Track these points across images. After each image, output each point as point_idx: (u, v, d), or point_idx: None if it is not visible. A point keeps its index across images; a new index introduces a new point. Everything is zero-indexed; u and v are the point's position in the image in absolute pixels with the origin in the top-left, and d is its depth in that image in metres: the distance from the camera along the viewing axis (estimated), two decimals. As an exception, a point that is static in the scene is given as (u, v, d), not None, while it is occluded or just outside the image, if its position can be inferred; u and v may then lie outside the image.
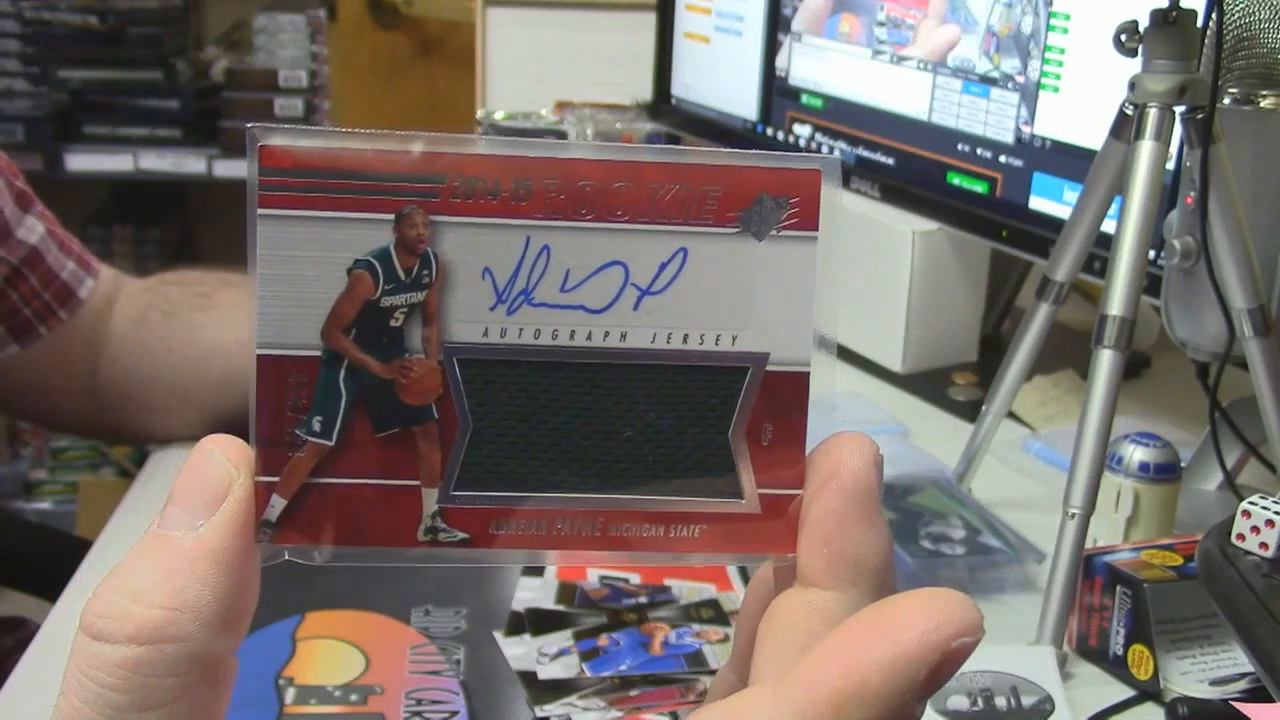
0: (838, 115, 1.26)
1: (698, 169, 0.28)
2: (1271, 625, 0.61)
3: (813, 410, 0.29)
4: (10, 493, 2.48)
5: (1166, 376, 1.20)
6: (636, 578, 0.81)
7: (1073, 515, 0.74)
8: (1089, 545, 0.75)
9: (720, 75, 1.42)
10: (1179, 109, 0.77)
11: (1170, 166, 0.80)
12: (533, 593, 0.79)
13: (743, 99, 1.39)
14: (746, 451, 0.29)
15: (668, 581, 0.80)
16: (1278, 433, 0.81)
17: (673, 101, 1.52)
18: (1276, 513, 0.65)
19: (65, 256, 0.96)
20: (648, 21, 1.54)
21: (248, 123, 0.28)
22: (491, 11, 1.91)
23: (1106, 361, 0.76)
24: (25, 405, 1.02)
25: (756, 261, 0.28)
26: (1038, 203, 1.06)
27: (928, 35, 1.14)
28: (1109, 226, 0.80)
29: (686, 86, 1.50)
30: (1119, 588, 0.72)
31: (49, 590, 0.87)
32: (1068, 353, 1.11)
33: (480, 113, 1.69)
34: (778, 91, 1.34)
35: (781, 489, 0.29)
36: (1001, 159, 1.09)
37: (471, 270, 0.28)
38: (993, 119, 1.09)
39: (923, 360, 1.18)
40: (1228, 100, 0.82)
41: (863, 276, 1.19)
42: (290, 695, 0.68)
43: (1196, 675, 0.71)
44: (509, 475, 0.29)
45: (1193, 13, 0.77)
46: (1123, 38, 0.78)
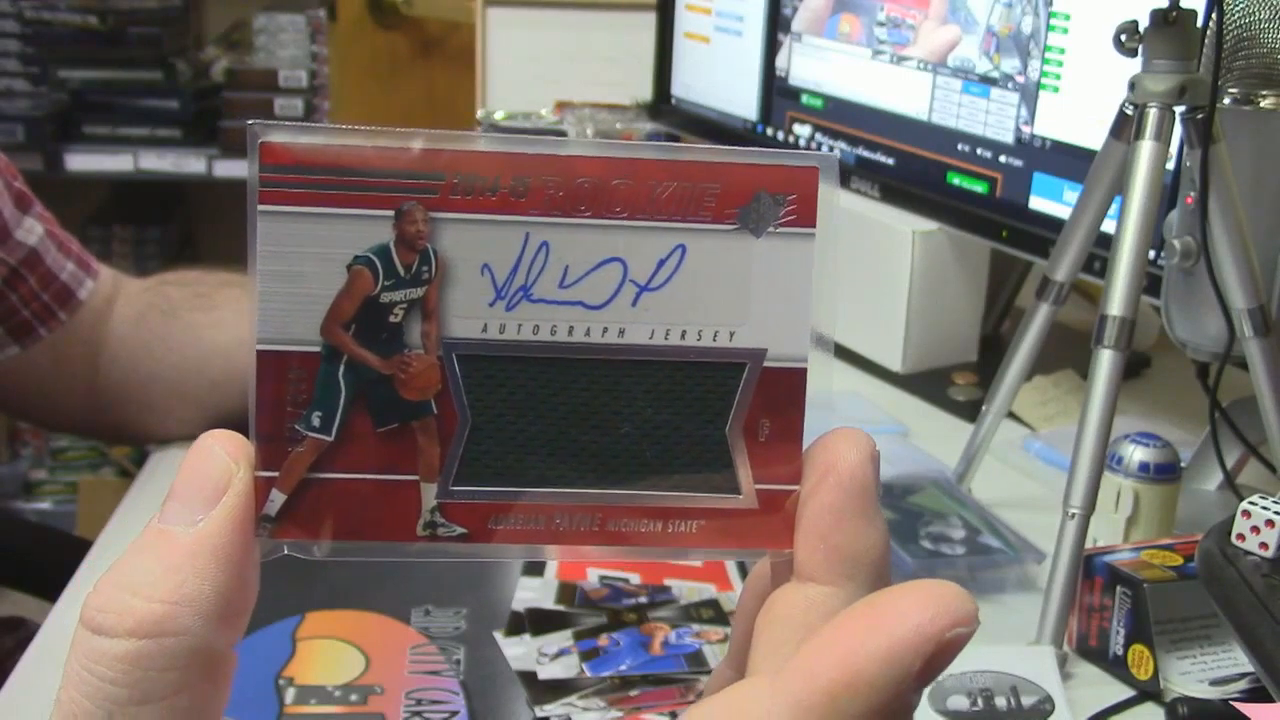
0: (838, 115, 1.26)
1: (696, 166, 0.28)
2: (1271, 625, 0.61)
3: (811, 409, 0.29)
4: (10, 493, 2.48)
5: (1166, 376, 1.20)
6: (636, 578, 0.81)
7: (1073, 515, 0.74)
8: (1089, 545, 0.75)
9: (720, 75, 1.42)
10: (1179, 109, 0.77)
11: (1170, 166, 0.80)
12: (533, 593, 0.79)
13: (743, 99, 1.39)
14: (744, 447, 0.29)
15: (668, 581, 0.80)
16: (1278, 433, 0.81)
17: (673, 101, 1.52)
18: (1276, 513, 0.65)
19: (64, 257, 0.96)
20: (648, 21, 1.54)
21: (248, 121, 0.28)
22: (491, 11, 1.91)
23: (1106, 361, 0.76)
24: (25, 406, 1.02)
25: (754, 258, 0.28)
26: (1038, 203, 1.06)
27: (928, 35, 1.14)
28: (1109, 226, 0.80)
29: (686, 86, 1.50)
30: (1119, 588, 0.72)
31: (49, 590, 0.87)
32: (1068, 353, 1.11)
33: (480, 113, 1.70)
34: (778, 91, 1.34)
35: (778, 484, 0.29)
36: (1001, 159, 1.09)
37: (471, 266, 0.28)
38: (993, 119, 1.09)
39: (923, 360, 1.18)
40: (1228, 100, 0.82)
41: (863, 276, 1.19)
42: (290, 695, 0.69)
43: (1196, 675, 0.71)
44: (508, 470, 0.29)
45: (1193, 13, 0.77)
46: (1123, 38, 0.79)
